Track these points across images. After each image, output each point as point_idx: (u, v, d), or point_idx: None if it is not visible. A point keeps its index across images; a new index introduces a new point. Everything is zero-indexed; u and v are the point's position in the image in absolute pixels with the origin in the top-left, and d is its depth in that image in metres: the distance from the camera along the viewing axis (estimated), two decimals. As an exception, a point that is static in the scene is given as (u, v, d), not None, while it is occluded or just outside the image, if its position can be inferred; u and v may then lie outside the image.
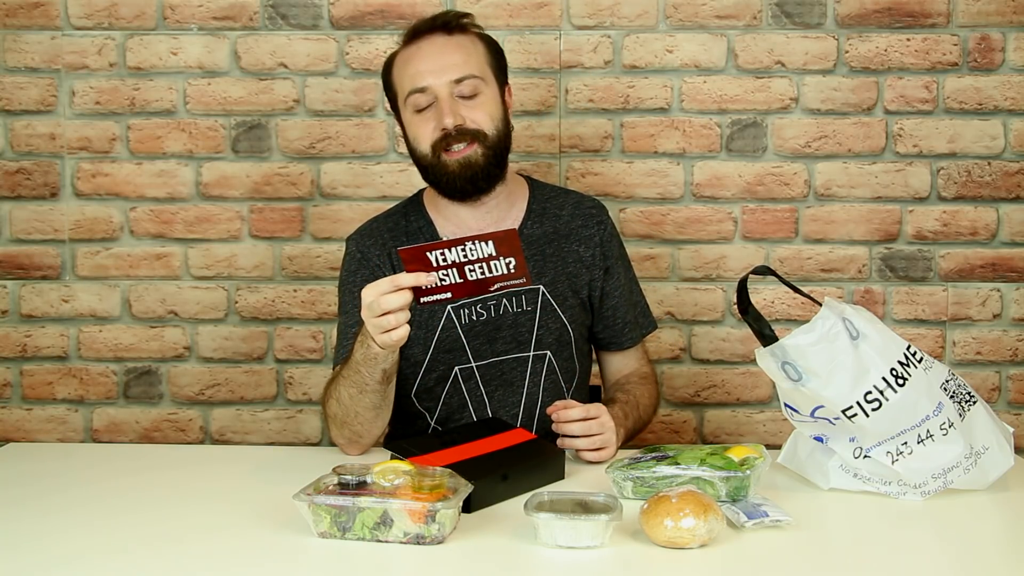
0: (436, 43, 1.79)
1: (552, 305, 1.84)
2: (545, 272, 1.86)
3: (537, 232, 1.88)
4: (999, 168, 2.40)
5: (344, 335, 1.84)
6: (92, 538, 1.38)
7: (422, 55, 1.78)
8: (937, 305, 2.42)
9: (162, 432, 2.46)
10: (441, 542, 1.33)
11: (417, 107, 1.78)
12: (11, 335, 2.45)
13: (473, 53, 1.79)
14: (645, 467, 1.50)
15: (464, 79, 1.76)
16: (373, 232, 1.90)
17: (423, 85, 1.76)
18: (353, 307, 1.81)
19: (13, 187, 2.43)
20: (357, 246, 1.88)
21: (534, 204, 1.90)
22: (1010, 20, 2.37)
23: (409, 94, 1.78)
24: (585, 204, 1.94)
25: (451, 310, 1.82)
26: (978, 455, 1.53)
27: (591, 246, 1.90)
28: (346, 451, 1.77)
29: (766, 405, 2.44)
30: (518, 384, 1.84)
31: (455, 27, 1.80)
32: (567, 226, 1.90)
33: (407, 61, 1.80)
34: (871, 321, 1.53)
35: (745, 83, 2.40)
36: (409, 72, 1.78)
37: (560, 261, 1.87)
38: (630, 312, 1.93)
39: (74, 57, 2.41)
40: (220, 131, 2.42)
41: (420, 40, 1.80)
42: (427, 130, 1.77)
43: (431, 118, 1.77)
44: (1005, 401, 2.42)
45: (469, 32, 1.82)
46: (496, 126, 1.78)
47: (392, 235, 1.87)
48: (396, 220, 1.90)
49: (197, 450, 2.21)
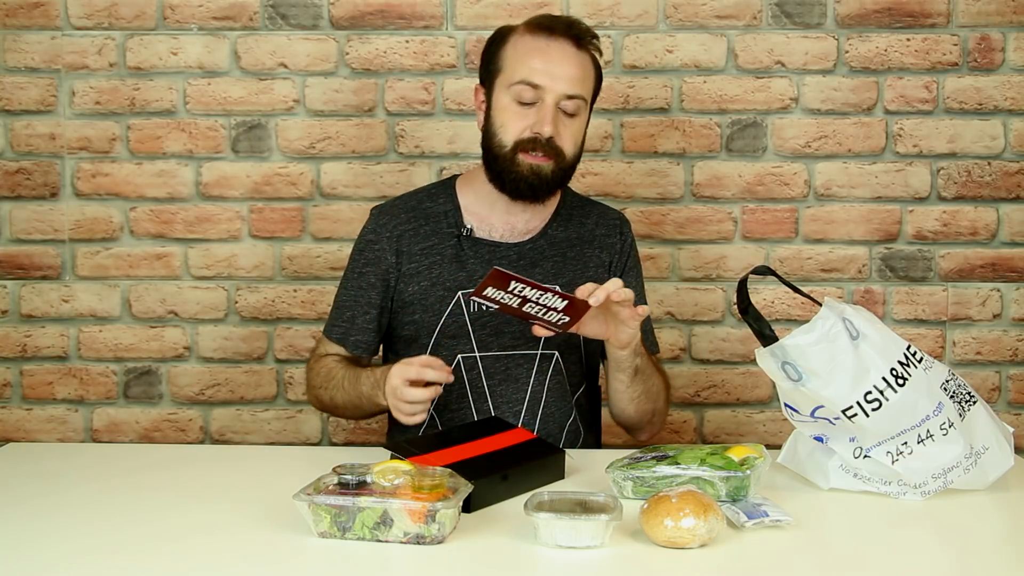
0: (566, 50, 1.79)
1: None
2: (563, 274, 1.87)
3: (561, 235, 1.90)
4: (999, 168, 2.40)
5: (339, 309, 1.91)
6: (92, 538, 1.38)
7: (550, 55, 1.78)
8: (937, 305, 2.42)
9: (162, 432, 2.46)
10: (441, 542, 1.33)
11: (520, 98, 1.78)
12: (11, 335, 2.45)
13: (589, 75, 1.82)
14: (645, 467, 1.50)
15: (574, 97, 1.78)
16: (393, 209, 1.91)
17: (539, 83, 1.77)
18: (353, 286, 1.90)
19: (13, 187, 2.43)
20: (375, 223, 1.91)
21: (563, 208, 1.92)
22: (1010, 20, 2.37)
23: (519, 82, 1.78)
24: (610, 215, 1.97)
25: (461, 296, 1.82)
26: (978, 455, 1.53)
27: (611, 252, 1.93)
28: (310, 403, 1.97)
29: (766, 405, 2.44)
30: (523, 381, 1.84)
31: (585, 43, 1.81)
32: (591, 233, 1.93)
33: (532, 51, 1.79)
34: (871, 321, 1.53)
35: (745, 83, 2.40)
36: (530, 64, 1.78)
37: (580, 265, 1.89)
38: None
39: (74, 57, 2.41)
40: (220, 131, 2.42)
41: (551, 38, 1.80)
42: (519, 124, 1.78)
43: (528, 116, 1.78)
44: (1005, 401, 2.42)
45: (591, 53, 1.83)
46: (575, 151, 1.82)
47: (411, 216, 1.88)
48: (420, 200, 1.92)
49: (197, 450, 2.20)
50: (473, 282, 1.82)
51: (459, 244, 1.85)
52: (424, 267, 1.85)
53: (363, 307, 1.88)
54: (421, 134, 2.41)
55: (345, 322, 1.89)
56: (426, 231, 1.87)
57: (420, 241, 1.87)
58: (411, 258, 1.86)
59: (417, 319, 1.85)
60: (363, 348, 1.89)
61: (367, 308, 1.88)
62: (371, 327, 1.88)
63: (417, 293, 1.85)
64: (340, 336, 1.90)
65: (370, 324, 1.88)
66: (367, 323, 1.88)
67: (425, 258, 1.86)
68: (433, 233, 1.87)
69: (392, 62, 2.40)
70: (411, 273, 1.86)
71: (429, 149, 2.41)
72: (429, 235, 1.87)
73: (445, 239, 1.86)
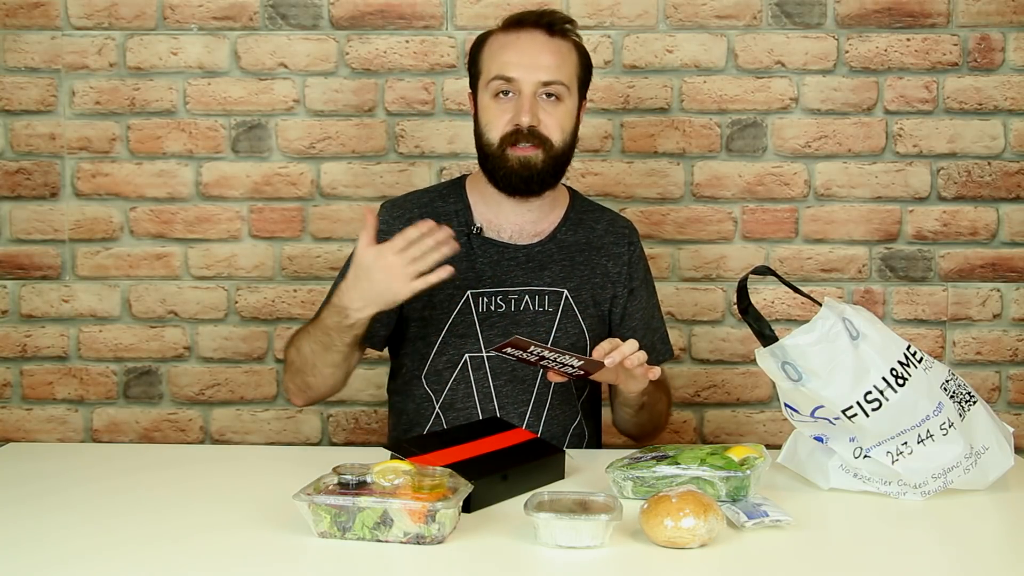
0: (537, 40, 1.79)
1: (574, 310, 1.85)
2: (571, 278, 1.87)
3: (570, 239, 1.89)
4: (999, 168, 2.40)
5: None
6: (92, 538, 1.38)
7: (520, 47, 1.79)
8: (937, 305, 2.42)
9: (162, 432, 2.46)
10: (441, 542, 1.33)
11: (498, 94, 1.78)
12: (11, 335, 2.45)
13: (567, 61, 1.81)
14: (645, 467, 1.50)
15: (552, 83, 1.77)
16: (404, 205, 1.91)
17: (511, 76, 1.77)
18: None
19: (13, 187, 2.43)
20: (387, 215, 1.89)
21: (572, 213, 1.92)
22: (1010, 20, 2.37)
23: (494, 78, 1.78)
24: (619, 223, 1.96)
25: (470, 295, 1.82)
26: (978, 455, 1.53)
27: (620, 264, 1.91)
28: (292, 401, 1.87)
29: (766, 405, 2.44)
30: (529, 383, 1.84)
31: (558, 30, 1.81)
32: (600, 240, 1.92)
33: (503, 47, 1.80)
34: (871, 321, 1.53)
35: (745, 83, 2.40)
36: (501, 58, 1.79)
37: (588, 271, 1.89)
38: (647, 337, 1.91)
39: (74, 57, 2.41)
40: (220, 131, 2.42)
41: (521, 31, 1.80)
42: (501, 120, 1.78)
43: (508, 109, 1.78)
44: (1005, 401, 2.42)
45: (569, 38, 1.83)
46: (564, 138, 1.80)
47: (422, 214, 1.87)
48: (432, 198, 1.91)
49: (197, 450, 2.20)
50: (482, 281, 1.83)
51: (469, 243, 1.85)
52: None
53: None
54: (421, 134, 2.41)
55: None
56: None
57: None
58: None
59: (426, 316, 1.84)
60: (365, 339, 1.81)
61: None
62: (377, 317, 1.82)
63: (425, 290, 1.84)
64: None
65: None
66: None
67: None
68: None
69: (392, 62, 2.40)
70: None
71: (429, 149, 2.41)
72: None
73: (455, 238, 1.85)
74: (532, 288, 1.85)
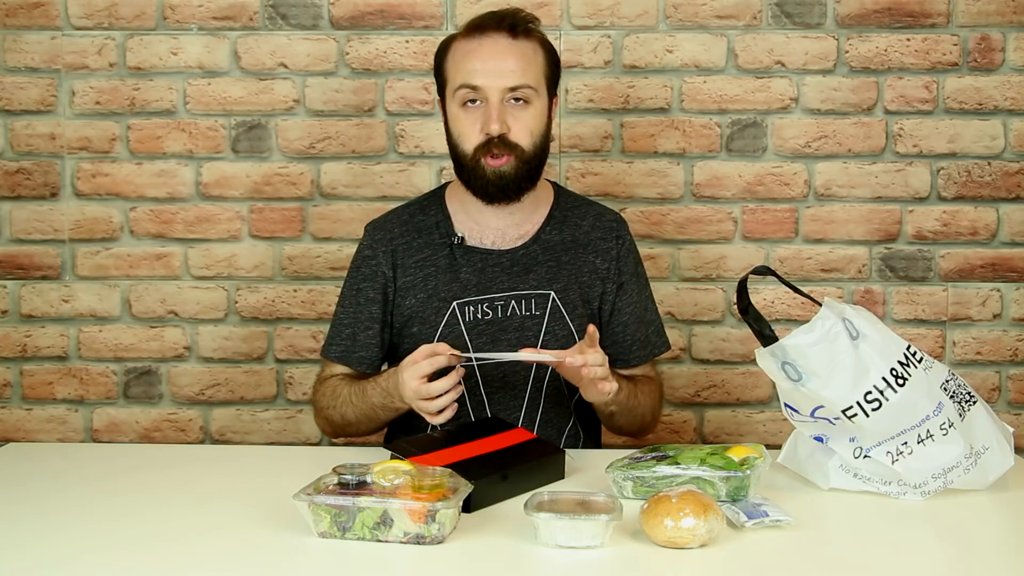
0: (499, 44, 1.77)
1: (561, 312, 1.84)
2: (558, 279, 1.86)
3: (555, 239, 1.88)
4: (999, 168, 2.40)
5: (338, 328, 1.90)
6: (92, 538, 1.38)
7: (482, 53, 1.77)
8: (937, 305, 2.42)
9: (162, 432, 2.46)
10: (441, 542, 1.33)
11: (466, 103, 1.78)
12: (11, 335, 2.45)
13: (532, 62, 1.79)
14: (645, 467, 1.50)
15: (518, 87, 1.76)
16: (386, 224, 1.92)
17: (476, 84, 1.76)
18: (351, 303, 1.89)
19: (13, 187, 2.43)
20: (369, 239, 1.91)
21: (556, 211, 1.91)
22: (1010, 20, 2.37)
23: (460, 87, 1.77)
24: (606, 217, 1.94)
25: (456, 306, 1.82)
26: (978, 455, 1.53)
27: (608, 259, 1.90)
28: (322, 431, 1.95)
29: (766, 405, 2.44)
30: (520, 388, 1.84)
31: (521, 31, 1.79)
32: (586, 236, 1.90)
33: (466, 54, 1.78)
34: (871, 321, 1.53)
35: (745, 83, 2.40)
36: (466, 67, 1.77)
37: (575, 270, 1.87)
38: (640, 331, 1.91)
39: (74, 57, 2.41)
40: (220, 131, 2.42)
41: (483, 36, 1.78)
42: (472, 130, 1.77)
43: (477, 118, 1.77)
44: (1005, 401, 2.42)
45: (533, 37, 1.81)
46: (534, 141, 1.79)
47: (404, 229, 1.89)
48: (412, 213, 1.92)
49: (197, 450, 2.20)
50: (467, 291, 1.83)
51: (452, 254, 1.85)
52: (419, 279, 1.85)
53: (364, 323, 1.87)
54: (421, 134, 2.41)
55: (346, 339, 1.88)
56: (419, 243, 1.87)
57: (414, 254, 1.86)
58: (406, 271, 1.86)
59: (415, 331, 1.84)
60: (367, 364, 1.88)
61: (368, 323, 1.87)
62: (374, 342, 1.87)
63: (415, 306, 1.84)
64: (341, 354, 1.88)
65: (373, 339, 1.87)
66: (369, 338, 1.87)
67: (420, 270, 1.85)
68: (426, 245, 1.87)
69: (392, 62, 2.40)
70: (407, 287, 1.85)
71: (429, 149, 2.41)
72: (422, 247, 1.87)
73: (438, 250, 1.86)
74: (518, 292, 1.84)
